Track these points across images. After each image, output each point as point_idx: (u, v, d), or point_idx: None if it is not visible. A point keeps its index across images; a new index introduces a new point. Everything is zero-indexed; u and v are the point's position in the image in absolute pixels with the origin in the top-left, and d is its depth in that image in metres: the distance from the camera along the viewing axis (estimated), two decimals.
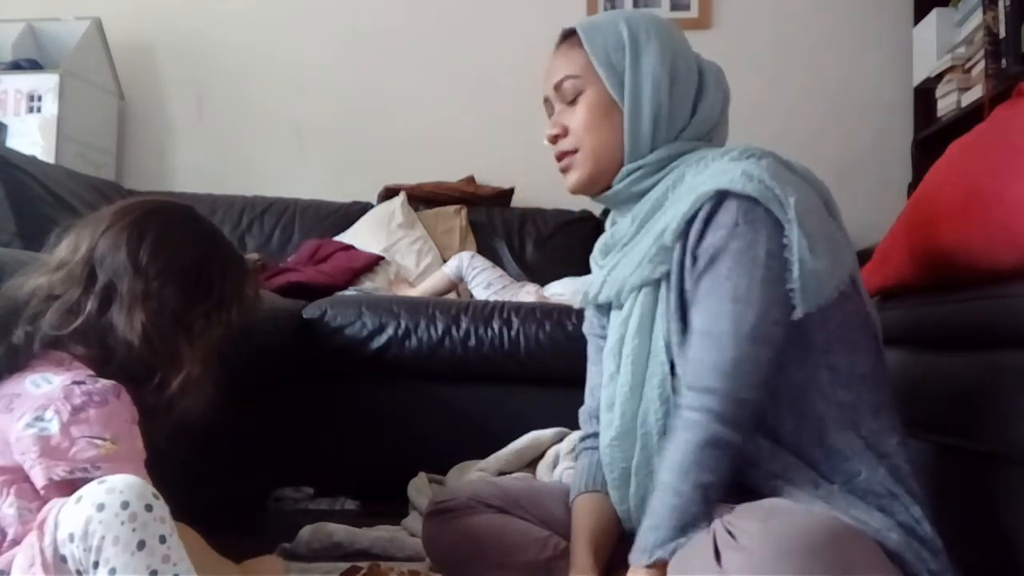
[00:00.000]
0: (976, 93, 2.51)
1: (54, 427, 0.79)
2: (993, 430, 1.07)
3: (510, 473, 1.81)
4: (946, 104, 2.74)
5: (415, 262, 2.77)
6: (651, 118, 1.05)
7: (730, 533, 0.79)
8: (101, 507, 0.72)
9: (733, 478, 0.91)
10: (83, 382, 0.83)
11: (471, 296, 2.51)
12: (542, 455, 1.82)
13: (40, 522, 0.75)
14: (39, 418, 0.80)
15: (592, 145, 1.07)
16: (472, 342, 2.02)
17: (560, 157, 1.10)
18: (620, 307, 1.06)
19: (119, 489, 0.73)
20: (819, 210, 0.96)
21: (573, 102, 1.08)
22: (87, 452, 0.80)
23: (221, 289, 0.98)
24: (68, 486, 0.78)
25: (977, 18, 2.47)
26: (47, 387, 0.83)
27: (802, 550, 0.76)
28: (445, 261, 2.67)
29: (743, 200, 0.92)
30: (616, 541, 1.04)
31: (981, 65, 2.45)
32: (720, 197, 0.93)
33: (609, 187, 1.08)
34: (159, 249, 0.93)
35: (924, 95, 2.93)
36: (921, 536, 0.87)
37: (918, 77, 2.93)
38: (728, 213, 0.93)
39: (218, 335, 0.99)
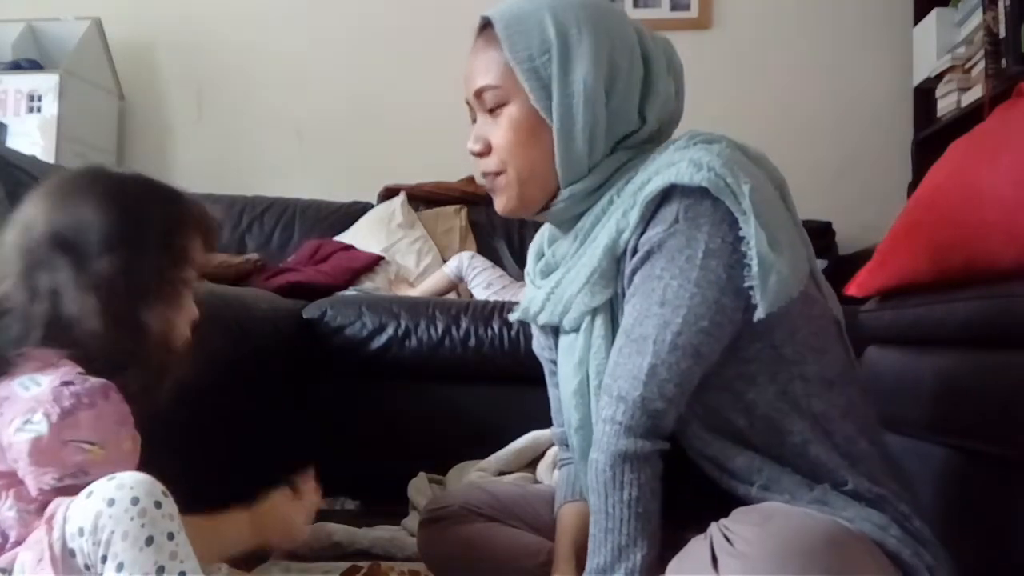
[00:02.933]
0: (976, 93, 2.51)
1: (43, 429, 0.78)
2: (994, 430, 1.07)
3: (510, 473, 1.81)
4: (946, 104, 2.74)
5: (415, 262, 2.77)
6: (586, 137, 0.92)
7: (727, 538, 0.78)
8: (111, 502, 0.73)
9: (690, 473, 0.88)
10: (72, 383, 0.81)
11: (471, 296, 2.51)
12: (542, 455, 1.82)
13: (48, 517, 0.75)
14: (28, 421, 0.79)
15: (519, 168, 0.95)
16: (472, 342, 2.02)
17: (484, 176, 0.99)
18: (568, 330, 0.98)
19: (129, 485, 0.74)
20: (775, 200, 0.88)
21: (495, 112, 0.95)
22: (75, 457, 0.79)
23: (157, 238, 0.91)
24: (58, 495, 0.78)
25: (977, 18, 2.47)
26: (36, 389, 0.81)
27: (800, 554, 0.75)
28: (445, 261, 2.67)
29: (689, 193, 0.84)
30: None
31: (981, 65, 2.45)
32: (666, 193, 0.86)
33: (545, 207, 0.98)
34: (75, 229, 0.88)
35: (924, 95, 2.93)
36: (912, 532, 0.86)
37: (918, 77, 2.93)
38: (670, 208, 0.85)
39: (181, 280, 0.93)
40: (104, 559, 0.72)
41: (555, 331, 1.05)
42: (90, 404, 0.81)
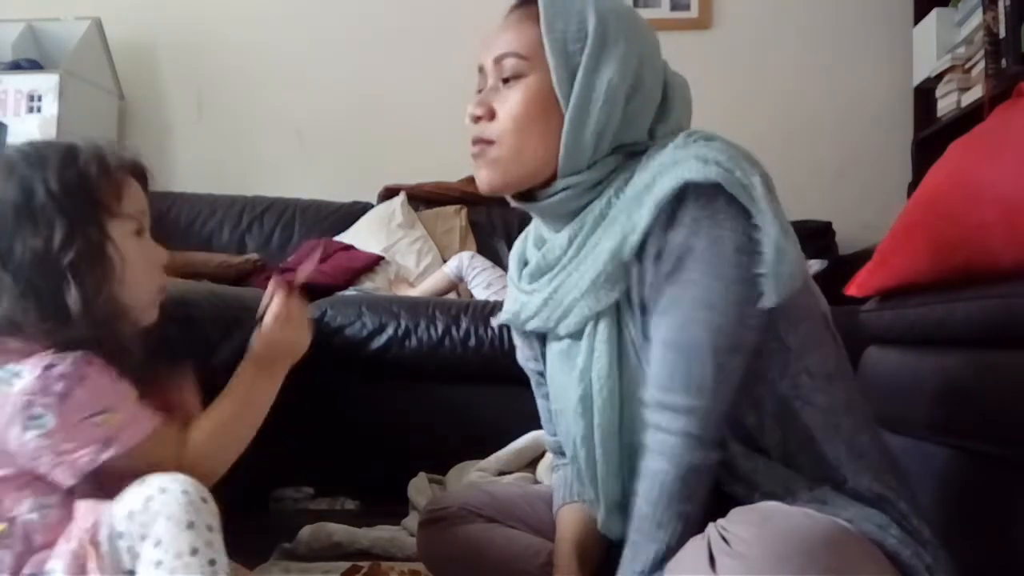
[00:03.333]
0: (976, 93, 2.51)
1: (50, 422, 0.78)
2: (993, 430, 1.07)
3: (510, 473, 1.81)
4: (946, 104, 2.74)
5: (415, 262, 2.77)
6: (595, 131, 0.91)
7: (724, 538, 0.77)
8: (163, 490, 0.76)
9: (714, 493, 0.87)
10: (52, 364, 0.80)
11: (471, 296, 2.51)
12: (542, 455, 1.82)
13: (92, 529, 0.76)
14: (32, 418, 0.78)
15: (517, 145, 0.93)
16: (472, 342, 2.02)
17: (475, 142, 0.96)
18: (562, 335, 0.96)
19: (182, 480, 0.77)
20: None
21: (510, 82, 0.94)
22: (94, 432, 0.79)
23: (57, 203, 0.84)
24: (93, 476, 0.79)
25: (977, 18, 2.47)
26: (20, 383, 0.79)
27: (798, 554, 0.75)
28: (445, 261, 2.67)
29: (703, 190, 0.83)
30: (604, 549, 1.01)
31: (981, 65, 2.45)
32: (680, 192, 0.84)
33: (528, 193, 0.96)
34: None
35: (924, 95, 2.93)
36: (911, 531, 0.86)
37: (918, 77, 2.93)
38: (686, 209, 0.84)
39: (106, 237, 0.86)
40: (144, 537, 0.74)
41: (541, 339, 1.04)
42: (80, 378, 0.80)
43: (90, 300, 0.83)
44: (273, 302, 0.98)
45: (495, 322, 1.08)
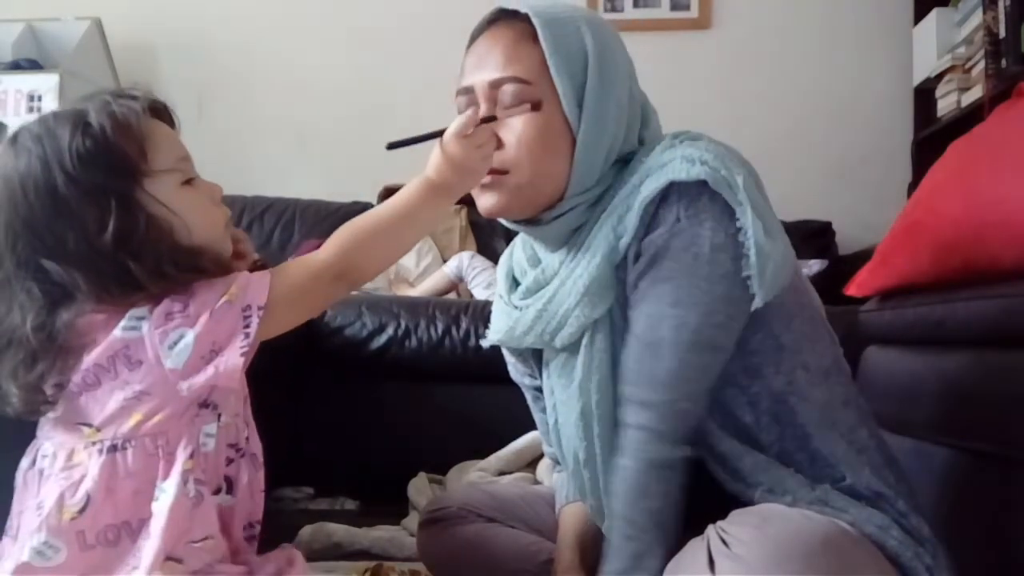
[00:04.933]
0: (976, 93, 2.51)
1: (190, 335, 0.78)
2: (993, 430, 1.07)
3: (510, 473, 1.81)
4: (946, 104, 2.74)
5: (415, 262, 2.77)
6: (606, 150, 0.91)
7: (723, 540, 0.78)
8: None
9: (694, 487, 0.87)
10: (155, 304, 0.79)
11: (471, 296, 2.51)
12: (542, 455, 1.82)
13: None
14: (173, 344, 0.78)
15: (534, 173, 0.91)
16: (472, 342, 2.02)
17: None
18: (560, 348, 0.95)
19: None
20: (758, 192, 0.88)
21: (514, 109, 0.90)
22: (229, 313, 0.79)
23: (85, 177, 0.79)
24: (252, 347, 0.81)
25: (977, 18, 2.47)
26: (146, 323, 0.79)
27: (797, 557, 0.75)
28: (445, 261, 2.67)
29: (687, 189, 0.84)
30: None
31: (981, 65, 2.45)
32: (664, 192, 0.85)
33: (533, 219, 0.95)
34: (24, 221, 0.79)
35: (924, 95, 2.93)
36: (909, 530, 0.86)
37: (918, 77, 2.93)
38: (670, 208, 0.85)
39: (144, 194, 0.81)
40: None
41: (536, 356, 1.04)
42: (184, 290, 0.80)
43: (158, 265, 0.80)
44: (456, 120, 0.91)
45: (485, 343, 1.06)
